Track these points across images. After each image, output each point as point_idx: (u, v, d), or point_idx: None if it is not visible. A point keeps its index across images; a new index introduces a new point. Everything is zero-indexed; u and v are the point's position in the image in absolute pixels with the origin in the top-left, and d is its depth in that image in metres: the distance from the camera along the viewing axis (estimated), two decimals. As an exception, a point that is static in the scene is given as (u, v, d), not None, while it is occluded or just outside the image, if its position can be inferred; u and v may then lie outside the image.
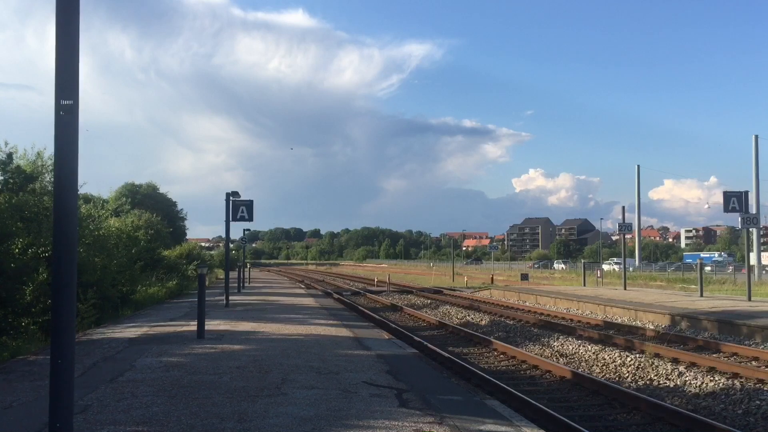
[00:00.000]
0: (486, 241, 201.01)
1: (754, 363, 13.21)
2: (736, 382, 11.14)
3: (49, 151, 16.76)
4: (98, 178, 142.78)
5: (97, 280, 16.08)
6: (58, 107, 4.27)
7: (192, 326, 13.77)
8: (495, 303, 29.12)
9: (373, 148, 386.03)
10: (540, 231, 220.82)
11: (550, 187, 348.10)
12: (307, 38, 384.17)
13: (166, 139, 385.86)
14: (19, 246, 13.41)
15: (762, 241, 64.50)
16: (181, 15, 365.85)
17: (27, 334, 12.32)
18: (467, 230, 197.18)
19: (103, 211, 22.12)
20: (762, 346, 15.09)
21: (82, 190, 22.72)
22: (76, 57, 4.35)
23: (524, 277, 49.57)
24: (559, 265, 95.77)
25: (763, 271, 48.97)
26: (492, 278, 48.39)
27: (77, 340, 11.62)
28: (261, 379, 8.46)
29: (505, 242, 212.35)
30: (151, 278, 26.52)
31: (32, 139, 34.65)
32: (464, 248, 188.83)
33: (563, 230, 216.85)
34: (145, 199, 49.76)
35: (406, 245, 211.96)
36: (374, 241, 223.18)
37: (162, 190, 56.22)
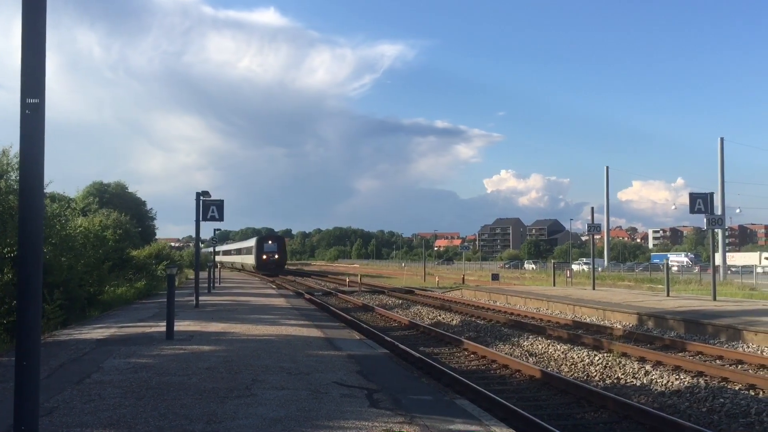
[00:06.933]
0: (457, 242, 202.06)
1: (718, 362, 13.49)
2: (701, 380, 11.35)
3: (14, 148, 16.47)
4: (66, 177, 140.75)
5: (64, 280, 15.83)
6: (24, 106, 4.23)
7: (161, 327, 13.63)
8: (466, 303, 29.29)
9: (346, 149, 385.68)
10: (511, 231, 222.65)
11: (521, 188, 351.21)
12: (279, 37, 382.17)
13: (136, 138, 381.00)
14: (-16, 246, 13.13)
15: (727, 241, 65.77)
16: (151, 12, 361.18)
17: (-9, 336, 12.08)
18: (439, 230, 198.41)
19: (70, 210, 21.79)
20: (726, 345, 15.41)
21: (48, 189, 22.37)
22: (43, 55, 4.30)
23: (495, 277, 49.90)
24: (529, 265, 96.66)
25: (728, 272, 49.95)
26: (463, 278, 48.65)
27: (43, 342, 11.45)
28: (231, 380, 8.42)
29: (477, 242, 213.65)
30: (120, 278, 26.19)
31: (2, 136, 34.04)
32: (436, 248, 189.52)
33: (534, 230, 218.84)
34: (113, 198, 49.26)
35: (378, 245, 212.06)
36: (346, 241, 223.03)
37: (131, 190, 55.79)
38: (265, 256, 66.27)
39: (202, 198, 19.97)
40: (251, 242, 73.93)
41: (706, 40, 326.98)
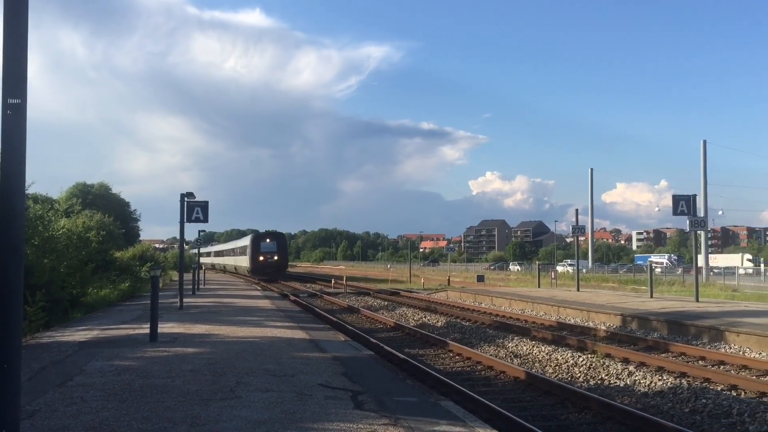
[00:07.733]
0: (443, 243, 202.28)
1: (700, 362, 13.60)
2: (683, 381, 11.45)
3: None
4: (49, 178, 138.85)
5: (46, 282, 15.70)
6: (5, 106, 4.18)
7: (145, 329, 13.55)
8: (451, 304, 29.34)
9: (331, 150, 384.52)
10: (496, 233, 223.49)
11: (506, 190, 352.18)
12: (264, 38, 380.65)
13: (120, 138, 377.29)
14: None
15: (710, 243, 66.39)
16: (135, 13, 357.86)
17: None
18: (424, 232, 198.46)
19: (53, 212, 21.62)
20: (709, 346, 15.54)
21: (30, 190, 22.19)
22: (25, 54, 4.26)
23: (480, 278, 50.04)
24: (514, 267, 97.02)
25: (711, 273, 50.42)
26: (449, 280, 48.72)
27: (25, 344, 11.35)
28: (215, 382, 8.37)
29: (462, 244, 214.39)
30: (103, 280, 26.00)
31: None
32: (421, 250, 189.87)
33: (519, 232, 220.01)
34: (97, 199, 48.97)
35: (364, 247, 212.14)
36: (332, 243, 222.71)
37: (115, 191, 55.48)
38: (262, 258, 56.01)
39: (186, 199, 19.87)
40: (245, 241, 63.15)
41: (690, 43, 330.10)
